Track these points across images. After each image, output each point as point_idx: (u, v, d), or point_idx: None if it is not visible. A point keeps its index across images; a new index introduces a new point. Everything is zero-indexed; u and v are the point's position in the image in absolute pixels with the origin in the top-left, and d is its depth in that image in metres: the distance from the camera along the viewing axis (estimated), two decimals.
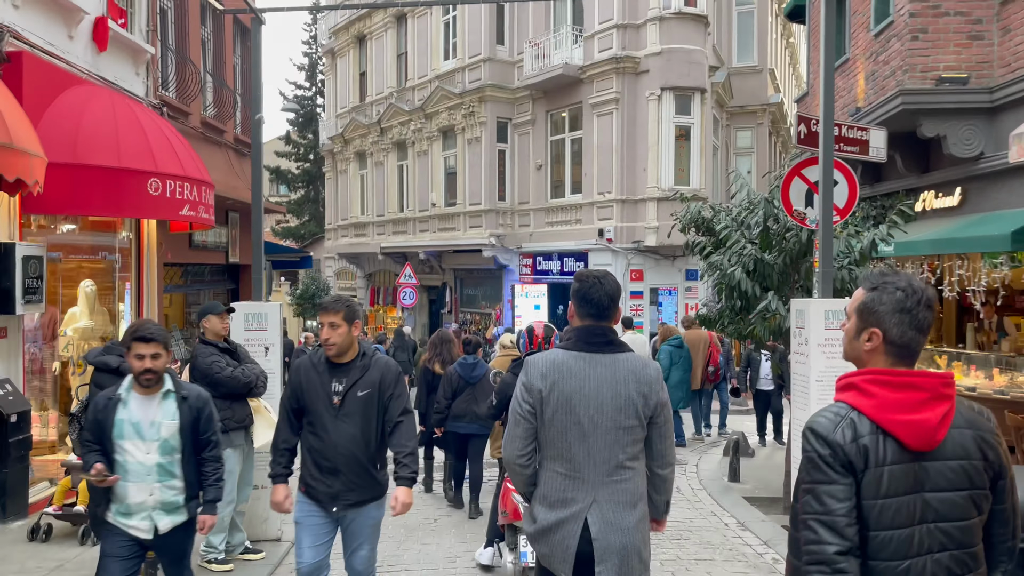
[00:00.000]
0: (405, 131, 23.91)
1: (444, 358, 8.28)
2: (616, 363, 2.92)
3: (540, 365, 2.95)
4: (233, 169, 12.90)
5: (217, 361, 5.49)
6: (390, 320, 27.84)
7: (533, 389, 2.91)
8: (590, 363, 2.90)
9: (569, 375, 2.89)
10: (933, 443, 1.88)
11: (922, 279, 9.03)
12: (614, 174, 17.86)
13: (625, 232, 17.82)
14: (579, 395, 2.87)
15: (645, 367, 2.98)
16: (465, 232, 21.29)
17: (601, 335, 2.97)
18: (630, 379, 2.90)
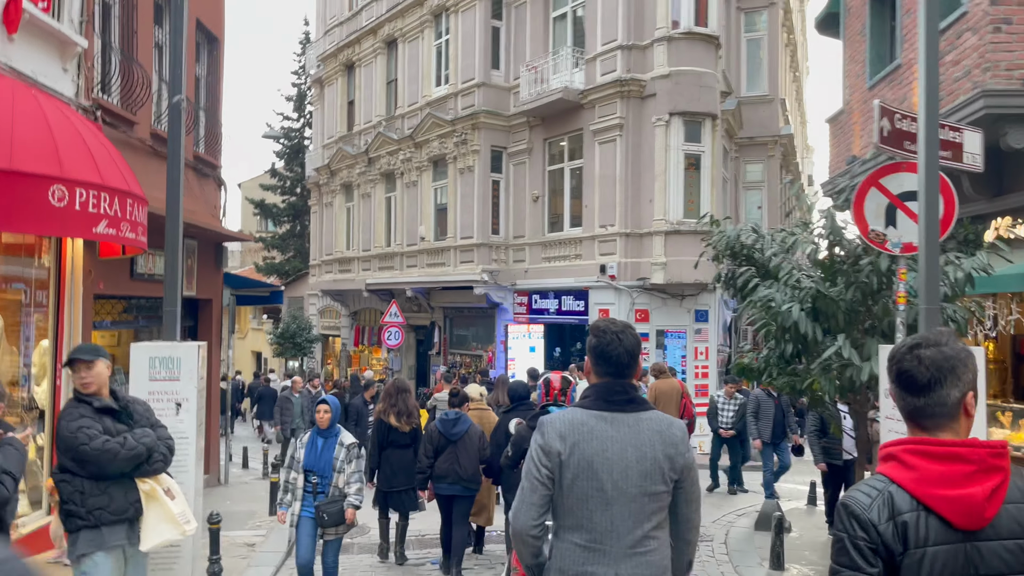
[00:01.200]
0: (394, 161, 22.53)
1: (400, 409, 7.62)
2: (640, 423, 2.69)
3: (558, 425, 2.70)
4: (191, 190, 11.38)
5: (85, 428, 3.88)
6: (375, 361, 26.18)
7: (552, 452, 2.66)
8: (612, 423, 2.67)
9: (590, 436, 2.65)
10: (982, 521, 1.74)
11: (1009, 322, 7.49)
12: (617, 206, 16.43)
13: (629, 268, 16.32)
14: (602, 458, 2.63)
15: (671, 426, 2.73)
16: (456, 268, 19.78)
17: (622, 392, 2.72)
18: (656, 440, 2.67)
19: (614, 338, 2.74)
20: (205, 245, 12.06)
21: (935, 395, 1.80)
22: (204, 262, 12.05)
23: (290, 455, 6.25)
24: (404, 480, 7.61)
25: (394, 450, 7.67)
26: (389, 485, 7.65)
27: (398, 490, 7.64)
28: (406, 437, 7.71)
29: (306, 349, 27.65)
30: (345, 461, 6.01)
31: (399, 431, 7.66)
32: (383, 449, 7.69)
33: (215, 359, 12.60)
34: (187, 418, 5.04)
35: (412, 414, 7.72)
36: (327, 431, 6.11)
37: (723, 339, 17.92)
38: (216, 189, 12.65)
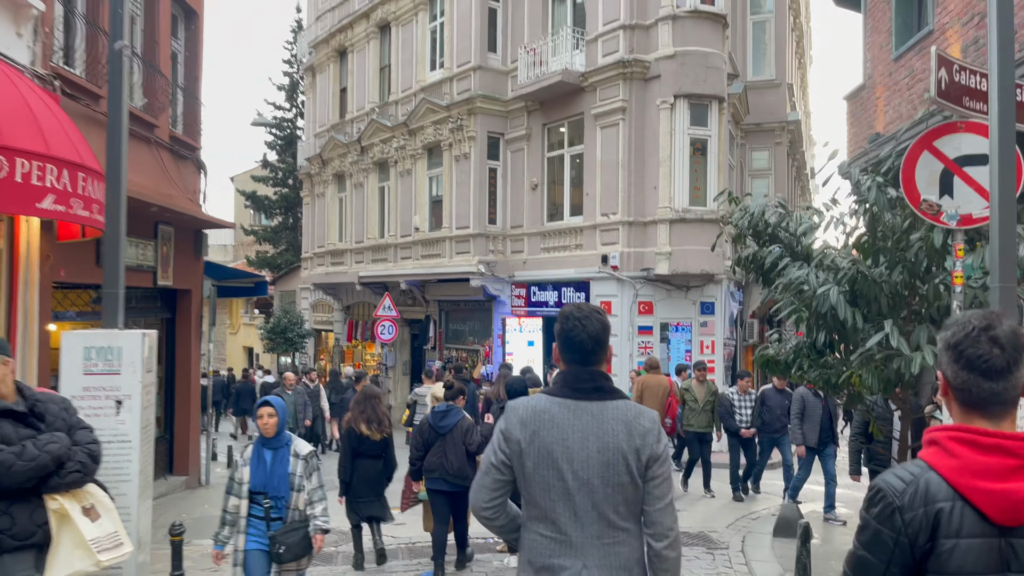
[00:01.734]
0: (387, 149, 21.79)
1: (369, 416, 7.27)
2: (605, 411, 2.52)
3: (521, 411, 2.58)
4: (166, 173, 10.66)
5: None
6: (369, 357, 25.49)
7: (511, 439, 2.56)
8: (575, 412, 2.53)
9: (551, 425, 2.52)
10: (1020, 518, 1.66)
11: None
12: (620, 193, 15.72)
13: (632, 258, 15.61)
14: (561, 447, 2.50)
15: (639, 416, 2.52)
16: (451, 259, 19.06)
17: (589, 379, 2.57)
18: (619, 430, 2.49)
19: (577, 323, 2.59)
20: (183, 232, 11.34)
21: (1012, 379, 1.72)
22: (182, 250, 11.32)
23: (230, 476, 5.05)
24: (369, 491, 7.32)
25: (363, 460, 7.33)
26: (355, 494, 7.34)
27: (363, 501, 7.33)
28: (377, 446, 7.32)
29: (298, 344, 26.92)
30: (304, 476, 4.91)
31: (370, 440, 7.25)
32: (355, 458, 7.32)
33: (195, 353, 11.88)
34: (129, 418, 4.32)
35: (383, 421, 7.29)
36: (274, 440, 4.92)
37: (729, 332, 17.23)
38: (195, 173, 11.92)
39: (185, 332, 11.78)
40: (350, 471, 7.29)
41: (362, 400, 7.42)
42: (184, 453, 11.74)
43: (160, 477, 11.23)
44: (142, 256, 9.97)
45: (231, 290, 13.69)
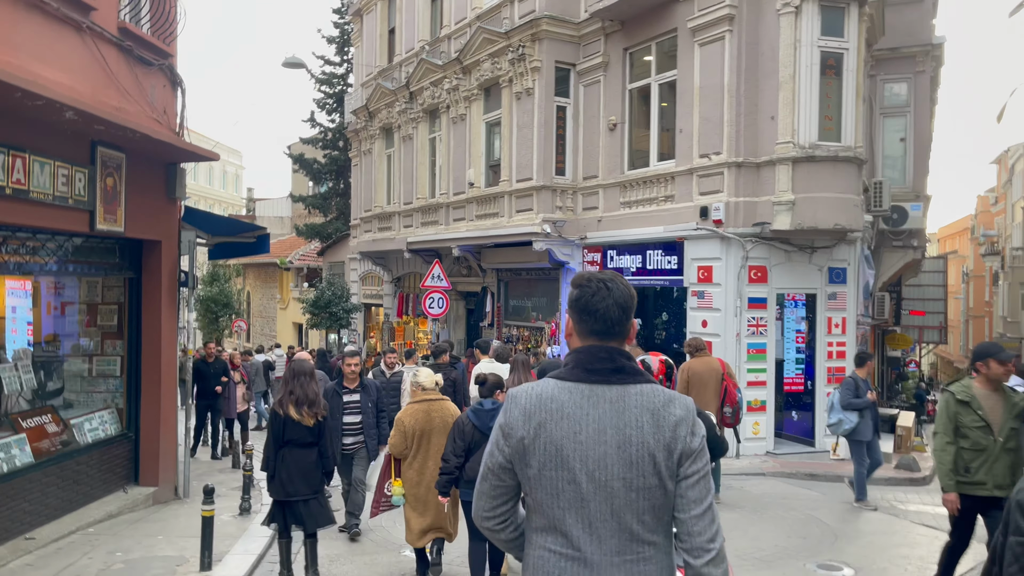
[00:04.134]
0: (438, 93, 18.66)
1: (299, 398, 6.15)
2: (626, 397, 2.06)
3: (523, 401, 2.12)
4: (110, 74, 7.73)
5: None
6: (421, 335, 22.58)
7: (512, 435, 2.10)
8: (589, 399, 2.07)
9: (560, 416, 2.06)
10: None
11: None
12: (725, 127, 12.21)
13: (742, 211, 12.12)
14: (573, 442, 2.03)
15: (668, 403, 2.07)
16: (511, 219, 15.87)
17: (607, 359, 2.09)
18: (645, 420, 2.04)
19: (601, 286, 2.12)
20: (144, 163, 8.43)
21: None
22: (144, 187, 8.42)
23: None
24: (305, 487, 6.15)
25: (293, 449, 6.16)
26: (286, 493, 6.12)
27: (297, 500, 6.12)
28: (308, 433, 6.18)
29: (344, 320, 24.21)
30: None
31: (300, 425, 6.13)
32: (279, 447, 6.15)
33: (167, 324, 9.02)
34: None
35: (315, 403, 6.17)
36: None
37: (864, 308, 13.59)
38: (167, 88, 8.99)
39: (154, 297, 8.92)
40: (274, 462, 6.13)
41: (291, 377, 6.25)
42: (152, 456, 8.92)
43: (117, 489, 8.45)
44: (65, 186, 7.06)
45: (228, 248, 10.79)
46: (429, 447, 6.22)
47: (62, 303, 8.77)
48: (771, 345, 12.35)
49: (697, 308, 12.65)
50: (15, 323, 7.93)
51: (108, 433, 8.63)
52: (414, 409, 6.30)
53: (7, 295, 7.75)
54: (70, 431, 8.08)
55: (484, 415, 5.83)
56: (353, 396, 7.69)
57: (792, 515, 8.96)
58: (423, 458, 6.23)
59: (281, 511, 6.16)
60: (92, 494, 8.16)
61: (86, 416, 8.40)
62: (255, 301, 39.13)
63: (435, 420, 6.27)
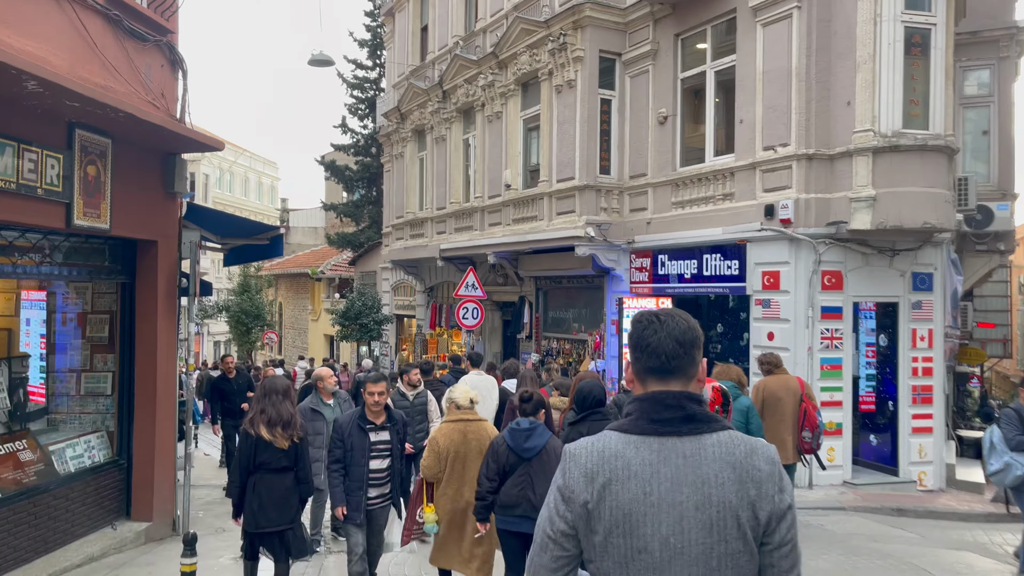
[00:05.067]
0: (472, 90, 17.55)
1: (271, 417, 5.56)
2: (702, 450, 1.81)
3: (583, 459, 1.88)
4: (92, 47, 6.69)
5: None
6: (455, 347, 21.40)
7: (574, 499, 1.86)
8: (659, 453, 1.82)
9: (627, 475, 1.82)
10: None
11: None
12: (793, 116, 10.87)
13: (814, 208, 10.74)
14: (643, 506, 1.79)
15: (752, 454, 1.81)
16: (551, 222, 14.64)
17: (675, 406, 1.85)
18: (726, 475, 1.78)
19: (653, 319, 1.91)
20: (136, 150, 7.39)
21: None
22: (135, 179, 7.37)
23: None
24: (279, 516, 5.59)
25: (265, 474, 5.59)
26: (256, 524, 5.56)
27: (271, 531, 5.58)
28: (283, 456, 5.62)
29: (374, 331, 23.15)
30: None
31: (273, 447, 5.58)
32: (250, 473, 5.63)
33: (164, 336, 7.93)
34: None
35: (290, 424, 5.60)
36: None
37: (952, 318, 12.08)
38: (165, 68, 7.95)
39: (149, 305, 7.85)
40: (239, 489, 5.60)
41: (262, 396, 5.76)
42: (146, 486, 7.83)
43: (105, 525, 7.33)
44: (33, 172, 6.00)
45: (242, 252, 9.70)
46: (464, 472, 5.74)
47: (46, 312, 7.74)
48: (847, 360, 10.92)
49: (762, 319, 11.28)
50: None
51: (95, 460, 7.56)
52: (449, 428, 5.81)
53: None
54: (48, 459, 7.01)
55: (519, 435, 5.38)
56: (381, 435, 6.00)
57: (890, 563, 7.55)
58: (458, 484, 5.75)
59: (252, 545, 5.69)
60: (73, 532, 7.08)
61: (69, 442, 7.34)
62: (287, 312, 38.39)
63: (471, 443, 5.76)
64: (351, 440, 5.81)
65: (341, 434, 5.85)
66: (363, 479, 5.80)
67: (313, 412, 7.32)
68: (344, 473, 5.80)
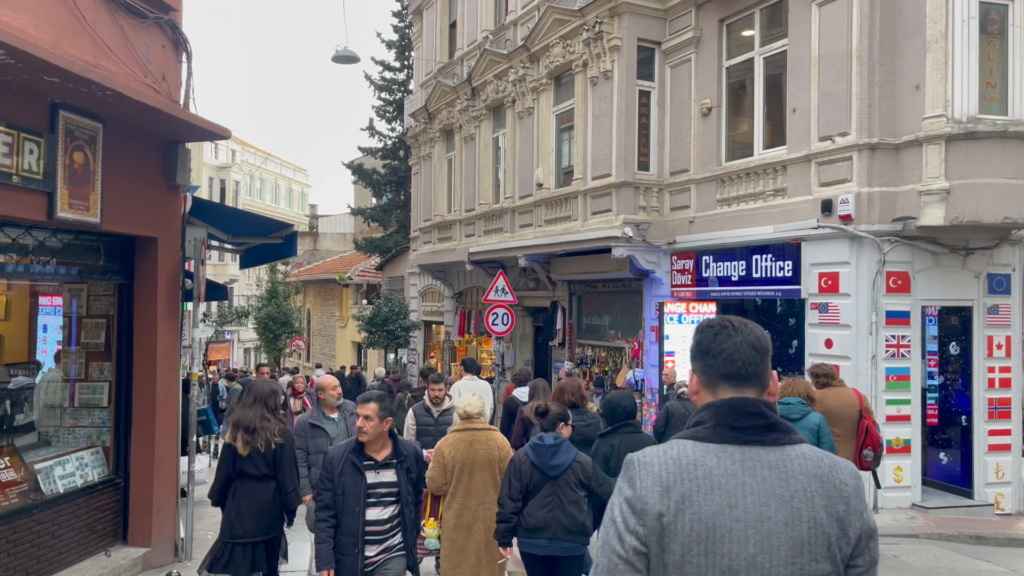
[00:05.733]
0: (502, 86, 16.78)
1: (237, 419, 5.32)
2: (788, 462, 1.68)
3: (657, 468, 1.68)
4: (80, 21, 6.01)
5: None
6: (485, 355, 20.61)
7: (648, 511, 1.64)
8: (743, 464, 1.67)
9: (709, 486, 1.64)
10: None
11: None
12: (854, 102, 9.92)
13: (878, 203, 9.78)
14: (728, 520, 1.61)
15: (835, 468, 1.69)
16: (585, 222, 13.80)
17: (756, 413, 1.71)
18: (815, 489, 1.65)
19: (726, 325, 1.80)
20: (132, 137, 6.70)
21: None
22: (131, 169, 6.68)
23: None
24: (256, 526, 5.16)
25: (245, 482, 5.19)
26: (232, 534, 5.16)
27: (248, 541, 5.15)
28: (263, 463, 5.15)
29: (401, 338, 22.43)
30: None
31: (253, 454, 5.14)
32: (230, 480, 5.27)
33: (164, 341, 7.22)
34: None
35: (251, 430, 5.11)
36: None
37: None
38: (167, 49, 7.26)
39: (149, 308, 7.15)
40: (221, 496, 5.33)
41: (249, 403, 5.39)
42: (144, 508, 7.11)
43: (99, 551, 6.63)
44: (7, 157, 5.31)
45: (257, 253, 8.98)
46: (470, 484, 5.43)
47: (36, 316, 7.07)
48: (916, 370, 9.92)
49: (819, 324, 10.32)
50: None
51: (89, 479, 6.86)
52: (455, 439, 5.52)
53: None
54: (33, 479, 6.32)
55: (544, 452, 5.07)
56: (383, 474, 4.59)
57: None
58: (463, 497, 5.44)
59: (228, 553, 5.22)
60: (60, 560, 6.37)
61: (58, 459, 6.64)
62: (315, 319, 37.94)
63: (478, 453, 5.44)
64: (343, 481, 4.46)
65: (331, 472, 4.49)
66: (358, 533, 4.47)
67: (313, 428, 6.45)
68: (335, 524, 4.49)
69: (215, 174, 51.96)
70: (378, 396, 4.57)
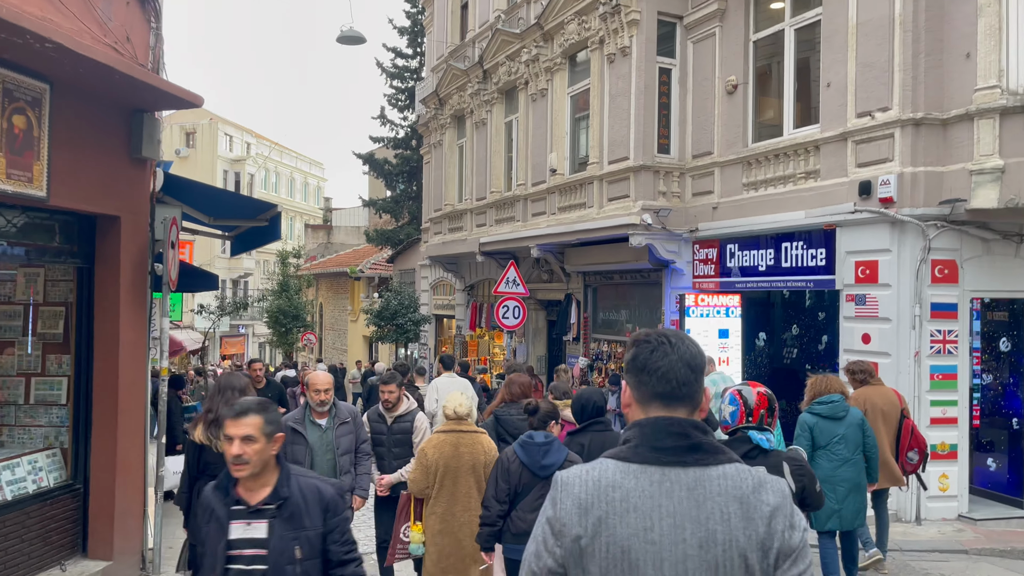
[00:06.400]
0: (515, 67, 15.98)
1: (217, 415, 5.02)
2: (706, 483, 1.67)
3: (577, 489, 1.71)
4: None
5: None
6: (497, 350, 19.86)
7: (565, 533, 1.68)
8: (661, 485, 1.67)
9: (626, 509, 1.65)
10: None
11: None
12: (897, 74, 9.02)
13: (922, 184, 8.88)
14: (643, 543, 1.63)
15: (759, 488, 1.67)
16: (601, 209, 12.97)
17: (680, 433, 1.71)
18: (732, 510, 1.64)
19: (662, 341, 1.78)
20: (88, 103, 5.97)
21: None
22: (87, 139, 5.96)
23: None
24: None
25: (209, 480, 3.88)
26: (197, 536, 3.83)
27: None
28: None
29: (411, 332, 21.71)
30: None
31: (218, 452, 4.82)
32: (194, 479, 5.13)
33: (128, 334, 6.50)
34: None
35: None
36: None
37: None
38: (132, 7, 6.53)
39: (111, 295, 6.43)
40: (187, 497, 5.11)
41: (215, 393, 5.25)
42: (105, 517, 6.40)
43: (53, 565, 5.94)
44: None
45: (248, 238, 8.23)
46: (454, 489, 5.20)
47: None
48: (964, 368, 9.03)
49: (854, 318, 9.44)
50: None
51: (43, 484, 6.16)
52: (440, 440, 5.25)
53: None
54: None
55: (535, 450, 4.78)
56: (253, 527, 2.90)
57: None
58: (447, 503, 5.19)
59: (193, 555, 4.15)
60: None
61: (6, 463, 5.94)
62: (327, 313, 37.34)
63: (463, 456, 5.20)
64: (207, 532, 2.96)
65: (207, 515, 2.99)
66: None
67: (293, 432, 5.54)
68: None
69: (230, 167, 51.58)
70: (259, 405, 2.99)
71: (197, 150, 49.30)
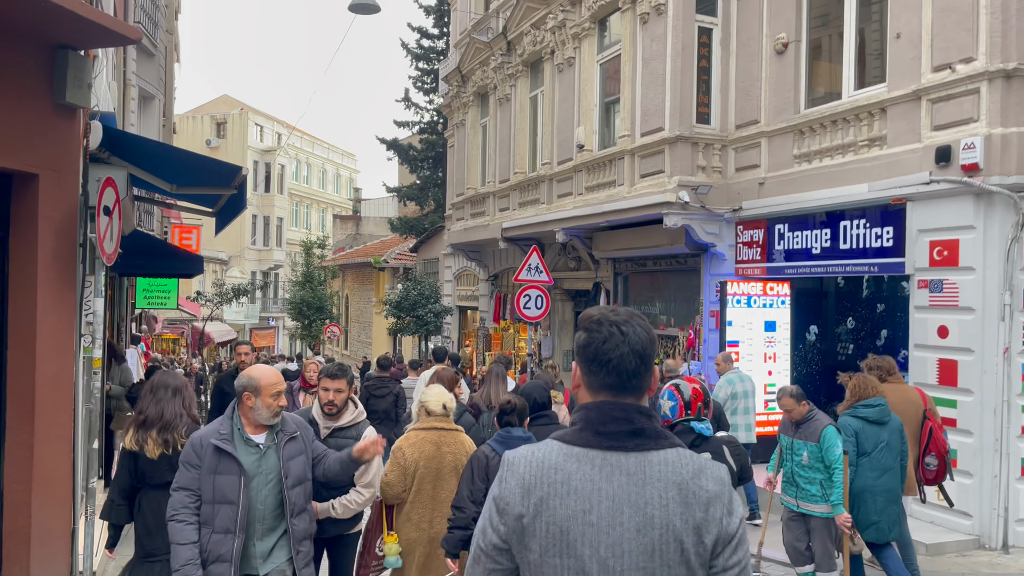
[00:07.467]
0: (540, 35, 14.70)
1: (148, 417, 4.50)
2: (646, 468, 1.68)
3: (521, 469, 1.73)
4: None
5: None
6: (522, 343, 18.62)
7: (508, 511, 1.70)
8: (602, 469, 1.68)
9: (566, 491, 1.67)
10: None
11: None
12: (983, 17, 7.57)
13: (1015, 149, 7.43)
14: (582, 525, 1.65)
15: (698, 474, 1.68)
16: (633, 187, 11.66)
17: (622, 418, 1.71)
18: (670, 496, 1.65)
19: (614, 331, 1.73)
20: None
21: None
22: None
23: None
24: (164, 542, 3.99)
25: (150, 491, 4.41)
26: (145, 552, 4.43)
27: (156, 560, 4.37)
28: (167, 470, 4.24)
29: (432, 324, 20.56)
30: None
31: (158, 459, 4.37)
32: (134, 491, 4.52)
33: (48, 324, 5.38)
34: None
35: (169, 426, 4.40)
36: None
37: None
38: None
39: (28, 270, 5.30)
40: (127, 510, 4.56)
41: (147, 393, 4.59)
42: (21, 536, 5.28)
43: None
44: None
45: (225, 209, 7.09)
46: (435, 493, 4.75)
47: None
48: None
49: (929, 307, 8.02)
50: None
51: None
52: (419, 438, 4.82)
53: None
54: None
55: (515, 445, 3.97)
56: None
57: None
58: (427, 507, 4.74)
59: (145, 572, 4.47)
60: None
61: None
62: (353, 305, 36.44)
63: (446, 457, 4.78)
64: None
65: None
66: None
67: (218, 454, 3.77)
68: None
69: (260, 157, 51.08)
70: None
71: (228, 140, 48.90)
